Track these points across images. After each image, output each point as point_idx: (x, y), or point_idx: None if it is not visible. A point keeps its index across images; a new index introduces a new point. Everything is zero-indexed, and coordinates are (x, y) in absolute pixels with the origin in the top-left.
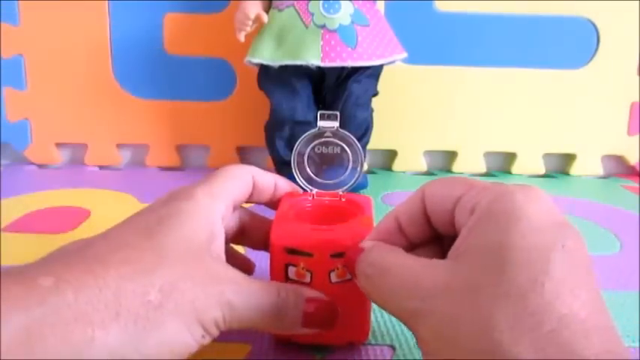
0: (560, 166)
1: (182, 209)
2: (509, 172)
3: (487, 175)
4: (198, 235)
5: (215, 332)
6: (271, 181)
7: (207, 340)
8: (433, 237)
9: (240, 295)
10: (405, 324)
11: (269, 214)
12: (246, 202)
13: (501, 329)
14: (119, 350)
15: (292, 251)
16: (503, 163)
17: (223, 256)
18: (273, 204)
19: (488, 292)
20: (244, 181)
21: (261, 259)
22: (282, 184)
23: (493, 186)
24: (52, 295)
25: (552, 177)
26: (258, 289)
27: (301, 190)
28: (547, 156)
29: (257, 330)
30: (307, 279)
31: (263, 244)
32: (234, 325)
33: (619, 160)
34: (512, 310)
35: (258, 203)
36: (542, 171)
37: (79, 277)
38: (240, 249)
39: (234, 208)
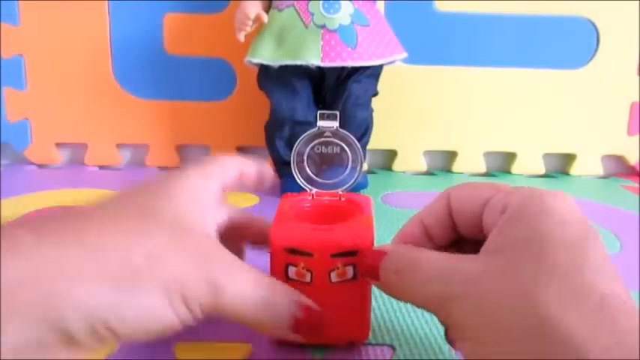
0: (560, 166)
1: (173, 185)
2: (509, 172)
3: (487, 175)
4: (188, 210)
5: (198, 313)
6: (255, 170)
7: (189, 320)
8: (455, 241)
9: (229, 278)
10: (435, 312)
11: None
12: (234, 190)
13: (547, 302)
14: (96, 312)
15: (292, 251)
16: (503, 163)
17: (214, 235)
18: (257, 187)
19: (528, 273)
20: (234, 169)
21: (261, 258)
22: (269, 175)
23: (521, 189)
24: (34, 250)
25: (552, 177)
26: (250, 277)
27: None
28: (547, 156)
29: (242, 324)
30: (307, 279)
31: (254, 241)
32: (219, 309)
33: (619, 160)
34: (557, 287)
35: (242, 191)
36: (542, 171)
37: (61, 234)
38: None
39: (224, 193)
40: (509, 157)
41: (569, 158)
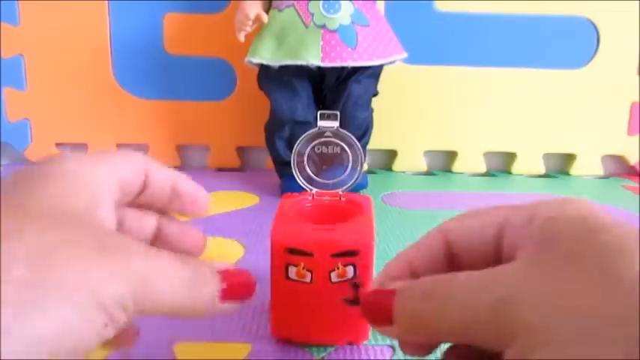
0: (560, 166)
1: (47, 171)
2: (509, 172)
3: (487, 175)
4: (73, 198)
5: (122, 318)
6: (168, 179)
7: (111, 331)
8: None
9: (150, 265)
10: (492, 327)
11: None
12: (137, 203)
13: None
14: None
15: (293, 251)
16: (503, 163)
17: (111, 222)
18: (169, 206)
19: (595, 261)
20: (136, 165)
21: (261, 258)
22: (185, 187)
23: (540, 202)
24: None
25: (552, 177)
26: (169, 261)
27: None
28: (547, 156)
29: (171, 314)
30: (308, 279)
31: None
32: (146, 307)
33: (619, 160)
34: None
35: (150, 208)
36: (542, 171)
37: None
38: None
39: (124, 194)
40: (510, 157)
41: (569, 158)
